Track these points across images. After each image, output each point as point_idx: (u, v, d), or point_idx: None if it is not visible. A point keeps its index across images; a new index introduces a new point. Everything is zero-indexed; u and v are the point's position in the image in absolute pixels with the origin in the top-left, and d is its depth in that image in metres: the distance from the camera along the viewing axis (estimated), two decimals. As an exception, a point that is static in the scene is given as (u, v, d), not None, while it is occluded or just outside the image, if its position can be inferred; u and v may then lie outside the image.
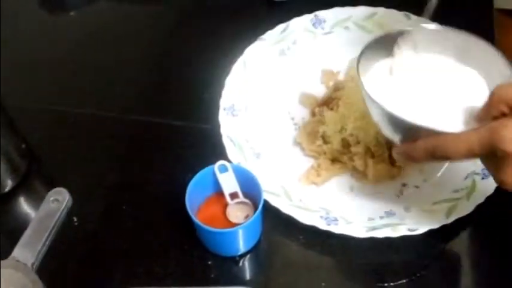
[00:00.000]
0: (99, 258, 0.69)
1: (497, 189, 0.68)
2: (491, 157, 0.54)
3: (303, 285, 0.67)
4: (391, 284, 0.66)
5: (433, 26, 0.69)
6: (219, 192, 0.68)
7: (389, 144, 0.71)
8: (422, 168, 0.74)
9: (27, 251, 0.64)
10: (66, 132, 0.80)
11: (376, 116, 0.63)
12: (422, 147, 0.58)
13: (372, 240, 0.66)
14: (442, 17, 0.82)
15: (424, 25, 0.66)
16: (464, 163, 0.71)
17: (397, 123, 0.59)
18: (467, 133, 0.56)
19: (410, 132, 0.59)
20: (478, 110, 0.58)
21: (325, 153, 0.74)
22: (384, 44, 0.65)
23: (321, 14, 0.84)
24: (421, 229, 0.67)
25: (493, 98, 0.55)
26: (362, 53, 0.63)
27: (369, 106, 0.62)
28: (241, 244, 0.67)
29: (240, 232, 0.65)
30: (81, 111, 0.81)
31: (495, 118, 0.55)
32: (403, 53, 0.65)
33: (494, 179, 0.56)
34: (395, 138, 0.62)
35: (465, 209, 0.68)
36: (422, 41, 0.65)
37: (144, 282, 0.66)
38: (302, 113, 0.80)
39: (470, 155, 0.55)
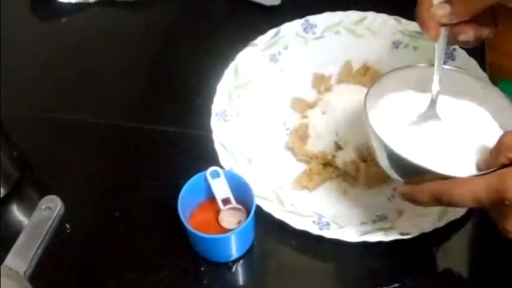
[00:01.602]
0: (91, 265, 0.69)
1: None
2: (497, 205, 0.53)
3: (296, 290, 0.67)
4: (384, 288, 0.66)
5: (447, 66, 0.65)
6: (211, 198, 0.68)
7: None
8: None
9: (19, 259, 0.64)
10: (58, 139, 0.79)
11: (380, 155, 0.61)
12: (427, 191, 0.56)
13: (365, 244, 0.66)
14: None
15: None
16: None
17: (402, 163, 0.58)
18: (474, 180, 0.54)
19: (416, 174, 0.57)
20: (487, 155, 0.56)
21: (317, 157, 0.74)
22: (393, 80, 0.64)
23: (312, 18, 0.84)
24: (414, 233, 0.67)
25: (501, 146, 0.54)
26: (371, 88, 0.63)
27: (373, 142, 0.61)
28: (234, 250, 0.67)
29: (232, 238, 0.65)
30: (73, 118, 0.81)
31: (503, 166, 0.54)
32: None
33: (498, 226, 0.55)
34: (399, 177, 0.61)
35: (457, 212, 0.68)
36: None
37: (137, 288, 0.67)
38: (294, 118, 0.80)
39: (476, 203, 0.54)
